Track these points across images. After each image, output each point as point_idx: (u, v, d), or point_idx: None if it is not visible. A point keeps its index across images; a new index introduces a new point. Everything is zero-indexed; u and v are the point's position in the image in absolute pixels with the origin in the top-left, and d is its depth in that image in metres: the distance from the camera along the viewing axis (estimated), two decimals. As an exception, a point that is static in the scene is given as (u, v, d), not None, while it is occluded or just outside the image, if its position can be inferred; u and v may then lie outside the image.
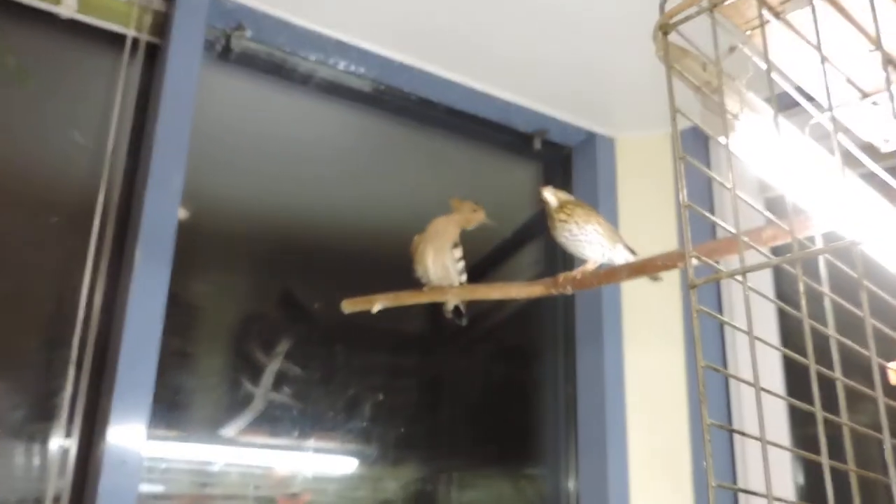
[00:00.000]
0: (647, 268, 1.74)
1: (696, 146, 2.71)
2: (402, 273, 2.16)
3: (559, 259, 2.80)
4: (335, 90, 2.56)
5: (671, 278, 2.09)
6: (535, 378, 2.81)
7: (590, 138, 2.90)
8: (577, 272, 1.93)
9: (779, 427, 2.36)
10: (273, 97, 2.53)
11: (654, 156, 2.85)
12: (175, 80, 2.13)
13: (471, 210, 2.17)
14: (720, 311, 2.61)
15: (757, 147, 1.05)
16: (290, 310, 2.41)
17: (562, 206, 2.11)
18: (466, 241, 2.14)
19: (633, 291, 2.70)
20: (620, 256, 2.03)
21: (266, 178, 2.47)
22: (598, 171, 2.83)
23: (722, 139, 0.84)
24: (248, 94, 2.50)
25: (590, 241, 2.01)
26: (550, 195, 2.09)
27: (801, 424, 2.38)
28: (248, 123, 2.47)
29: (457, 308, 2.25)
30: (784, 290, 2.48)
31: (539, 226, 2.88)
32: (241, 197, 2.41)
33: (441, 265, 2.10)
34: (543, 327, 2.84)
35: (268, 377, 2.26)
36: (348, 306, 2.15)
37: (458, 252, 2.13)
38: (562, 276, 1.95)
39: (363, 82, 2.57)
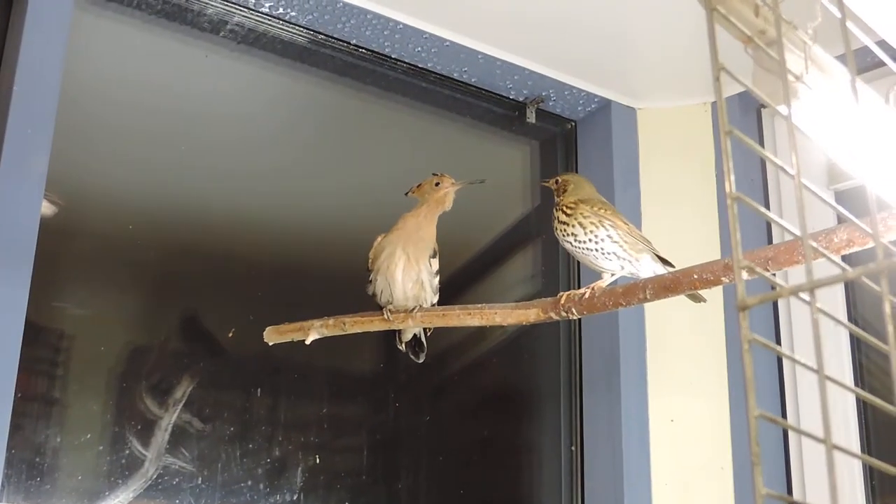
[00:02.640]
0: (678, 284, 1.74)
1: (744, 120, 2.72)
2: (346, 289, 2.15)
3: (562, 272, 2.80)
4: (258, 42, 2.55)
5: (712, 297, 2.09)
6: (528, 435, 2.80)
7: (602, 108, 2.90)
8: (585, 290, 1.92)
9: (854, 497, 2.37)
10: (173, 52, 2.51)
11: (689, 133, 2.86)
12: (38, 29, 2.10)
13: (432, 186, 2.16)
14: (777, 340, 2.62)
15: (826, 120, 1.06)
16: (192, 340, 2.39)
17: (562, 199, 2.10)
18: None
19: (661, 316, 2.70)
20: (648, 270, 2.02)
21: (162, 160, 2.45)
22: (612, 153, 2.83)
23: (781, 108, 0.84)
24: (139, 47, 2.47)
25: (603, 251, 2.01)
26: (549, 182, 2.11)
27: (883, 492, 2.39)
28: (137, 88, 2.45)
29: (416, 339, 2.24)
30: (859, 313, 2.50)
31: (534, 226, 2.88)
32: (128, 186, 2.38)
33: (414, 280, 2.08)
34: (539, 366, 2.83)
35: (161, 433, 2.24)
36: (273, 335, 2.14)
37: (437, 263, 2.13)
38: (564, 296, 1.94)
39: (296, 31, 2.55)
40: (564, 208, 2.08)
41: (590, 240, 2.02)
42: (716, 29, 0.83)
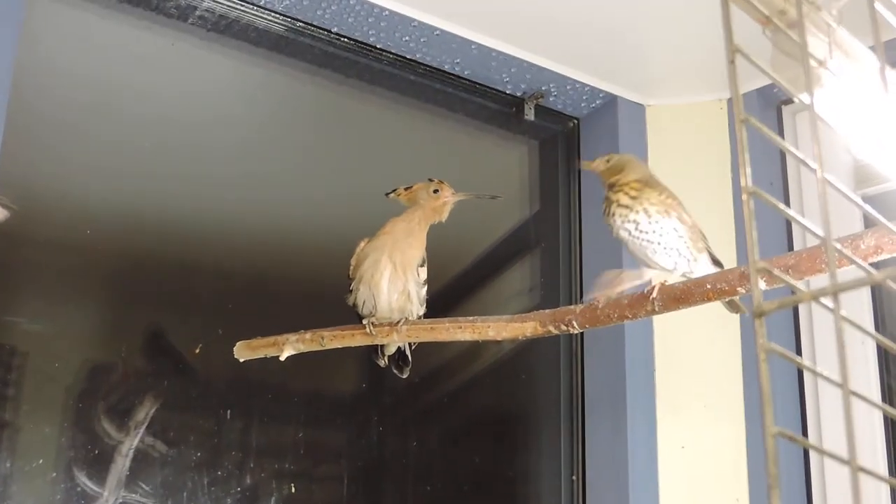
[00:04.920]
0: (689, 294, 1.73)
1: (764, 117, 2.72)
2: (324, 300, 2.14)
3: (563, 284, 2.79)
4: (230, 29, 2.54)
5: (728, 313, 2.08)
6: (525, 463, 2.79)
7: (608, 105, 2.90)
8: (652, 286, 1.84)
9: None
10: (136, 40, 2.51)
11: (703, 132, 2.86)
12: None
13: (429, 193, 2.15)
14: (798, 351, 2.61)
15: (853, 112, 1.05)
16: (156, 357, 2.38)
17: (619, 178, 2.05)
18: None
19: (671, 331, 2.70)
20: (703, 272, 1.95)
21: (124, 160, 2.44)
22: (619, 152, 2.83)
23: (803, 97, 0.83)
24: (98, 36, 2.47)
25: (664, 245, 1.94)
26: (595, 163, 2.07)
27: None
28: (97, 81, 2.44)
29: (399, 352, 2.23)
30: (888, 329, 2.50)
31: (533, 233, 2.87)
32: (87, 188, 2.38)
33: (401, 290, 2.08)
34: (538, 386, 2.83)
35: (121, 459, 2.23)
36: (244, 351, 2.13)
37: (425, 273, 2.12)
38: (579, 309, 1.90)
39: (271, 18, 2.55)
40: (627, 189, 2.00)
41: (654, 230, 1.94)
42: (731, 8, 0.82)
